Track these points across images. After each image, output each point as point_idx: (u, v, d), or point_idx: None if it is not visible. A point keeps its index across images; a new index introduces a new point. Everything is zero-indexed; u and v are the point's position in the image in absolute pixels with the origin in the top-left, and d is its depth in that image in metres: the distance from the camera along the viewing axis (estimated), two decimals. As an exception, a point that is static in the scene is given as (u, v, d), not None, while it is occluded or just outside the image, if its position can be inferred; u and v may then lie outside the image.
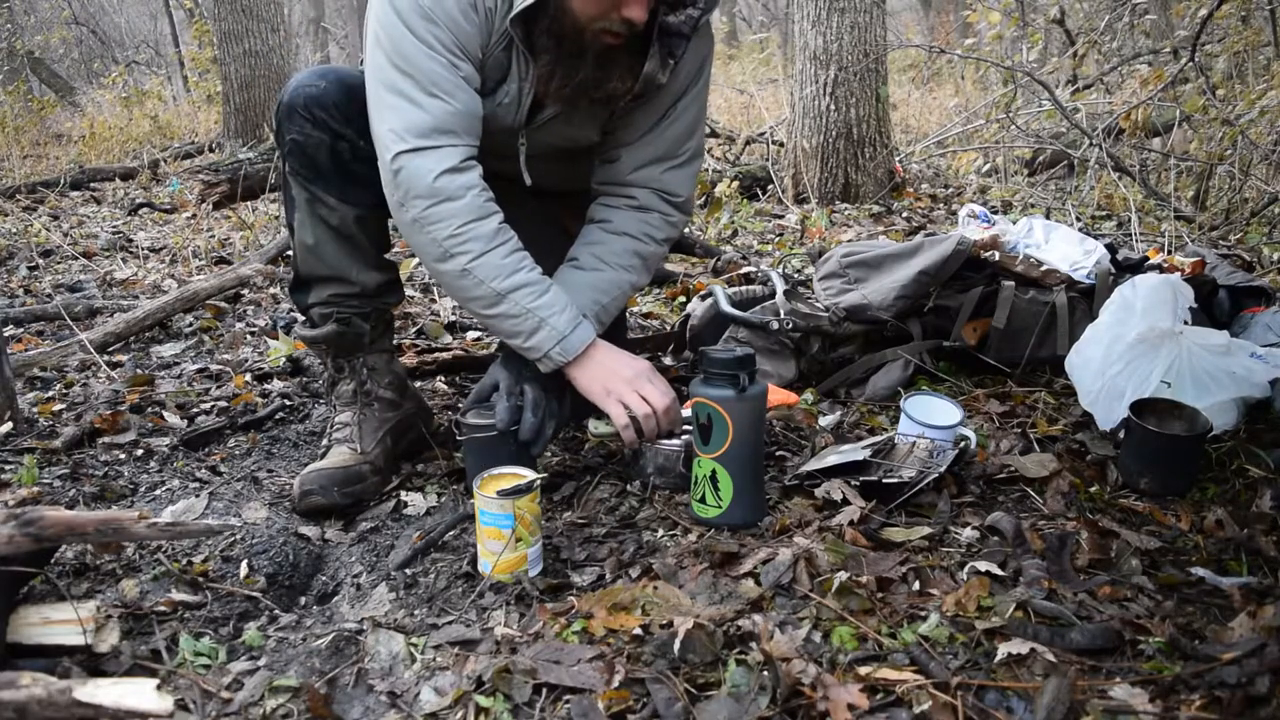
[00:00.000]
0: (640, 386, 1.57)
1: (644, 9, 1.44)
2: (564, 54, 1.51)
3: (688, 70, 1.67)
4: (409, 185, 1.48)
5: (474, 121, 1.53)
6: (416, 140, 1.47)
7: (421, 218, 1.48)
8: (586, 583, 1.38)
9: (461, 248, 1.49)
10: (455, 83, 1.49)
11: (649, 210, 1.73)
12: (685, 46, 1.58)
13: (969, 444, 1.68)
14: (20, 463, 1.77)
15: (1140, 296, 1.89)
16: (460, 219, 1.48)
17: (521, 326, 1.53)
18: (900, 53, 9.25)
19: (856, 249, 2.36)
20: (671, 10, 1.55)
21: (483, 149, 1.74)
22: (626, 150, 1.71)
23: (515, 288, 1.51)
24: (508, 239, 1.53)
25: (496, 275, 1.50)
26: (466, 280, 1.51)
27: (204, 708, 1.11)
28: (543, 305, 1.52)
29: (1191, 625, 1.21)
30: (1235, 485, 1.63)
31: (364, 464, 1.69)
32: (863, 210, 4.54)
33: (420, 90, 1.47)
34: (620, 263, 1.71)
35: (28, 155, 7.76)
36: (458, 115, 1.50)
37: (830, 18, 4.57)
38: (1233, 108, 3.78)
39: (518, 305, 1.51)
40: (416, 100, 1.47)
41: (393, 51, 1.48)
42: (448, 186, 1.47)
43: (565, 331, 1.53)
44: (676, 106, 1.69)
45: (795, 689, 1.06)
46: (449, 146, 1.49)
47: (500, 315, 1.53)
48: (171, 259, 3.98)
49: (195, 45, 10.35)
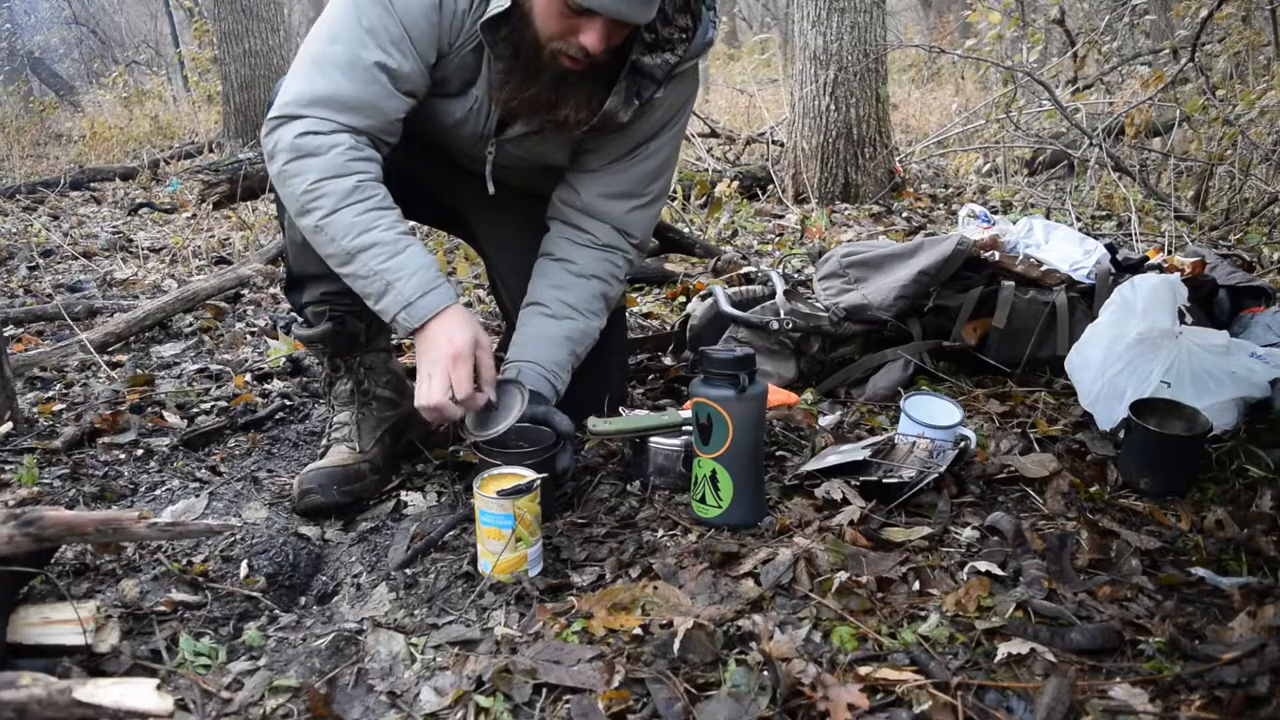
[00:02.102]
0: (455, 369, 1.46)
1: (600, 40, 1.41)
2: (519, 66, 1.51)
3: (665, 111, 1.67)
4: (276, 140, 1.48)
5: (379, 113, 1.50)
6: (299, 109, 1.47)
7: (283, 171, 1.48)
8: (586, 583, 1.38)
9: (315, 203, 1.46)
10: (374, 75, 1.47)
11: (613, 250, 1.73)
12: (654, 90, 1.56)
13: (969, 444, 1.68)
14: (20, 463, 1.77)
15: (1140, 296, 1.89)
16: (316, 174, 1.45)
17: (370, 288, 1.48)
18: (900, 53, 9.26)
19: (856, 249, 2.36)
20: (648, 51, 1.54)
21: (456, 152, 1.75)
22: (592, 176, 1.71)
23: (365, 247, 1.46)
24: (366, 197, 1.47)
25: (347, 233, 1.46)
26: (320, 237, 1.48)
27: (204, 708, 1.11)
28: (390, 268, 1.46)
29: (1191, 625, 1.20)
30: (1235, 485, 1.63)
31: (363, 463, 1.69)
32: (863, 210, 4.54)
33: (335, 67, 1.47)
34: (590, 308, 1.71)
35: (28, 155, 7.76)
36: (361, 102, 1.47)
37: (830, 18, 4.57)
38: (1233, 108, 3.78)
39: (366, 266, 1.47)
40: (326, 74, 1.47)
41: (333, 22, 1.49)
42: (310, 143, 1.46)
43: (411, 298, 1.47)
44: (650, 145, 1.69)
45: (795, 689, 1.06)
46: (330, 119, 1.47)
47: (351, 275, 1.49)
48: (171, 259, 3.98)
49: (195, 45, 10.35)
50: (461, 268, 3.38)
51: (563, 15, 1.40)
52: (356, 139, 1.49)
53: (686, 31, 1.56)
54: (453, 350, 1.46)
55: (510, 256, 1.93)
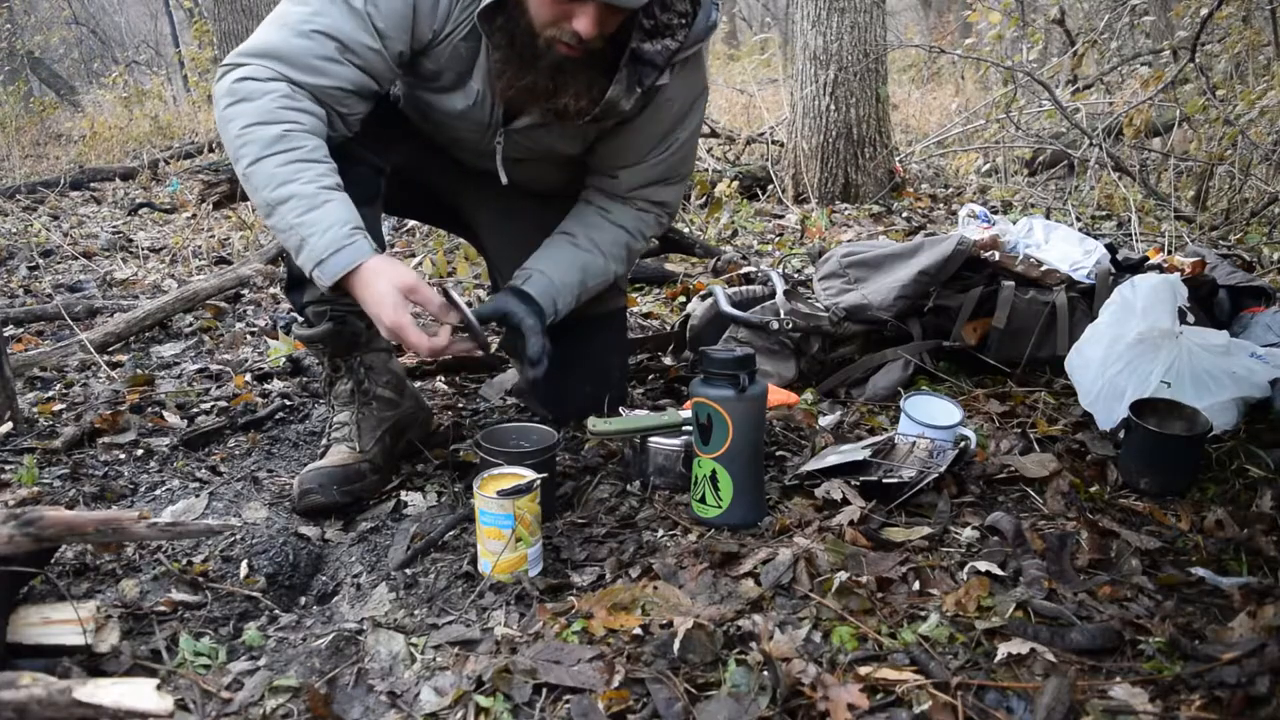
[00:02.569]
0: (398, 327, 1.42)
1: (593, 25, 1.40)
2: (515, 55, 1.50)
3: (682, 105, 1.68)
4: (220, 86, 1.48)
5: (317, 72, 1.47)
6: (245, 58, 1.47)
7: (223, 115, 1.47)
8: (586, 583, 1.38)
9: (244, 150, 1.44)
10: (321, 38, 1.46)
11: (646, 212, 1.81)
12: (656, 77, 1.56)
13: (969, 444, 1.68)
14: (20, 463, 1.77)
15: (1140, 296, 1.89)
16: (247, 119, 1.43)
17: (288, 242, 1.45)
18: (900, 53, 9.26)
19: (856, 249, 2.36)
20: (648, 38, 1.54)
21: (465, 145, 1.75)
22: (625, 172, 1.75)
23: (283, 199, 1.42)
24: (292, 147, 1.44)
25: (268, 184, 1.43)
26: (248, 185, 1.46)
27: (204, 708, 1.11)
28: (305, 223, 1.42)
29: (1191, 625, 1.21)
30: (1235, 485, 1.63)
31: (363, 462, 1.69)
32: (863, 210, 4.54)
33: (288, 25, 1.47)
34: (613, 252, 1.77)
35: (28, 155, 7.76)
36: (301, 57, 1.46)
37: (830, 18, 4.57)
38: (1233, 108, 3.78)
39: (284, 220, 1.43)
40: (279, 31, 1.48)
41: None
42: (245, 88, 1.45)
43: (322, 255, 1.42)
44: (678, 133, 1.72)
45: (795, 689, 1.06)
46: (268, 68, 1.46)
47: (273, 228, 1.46)
48: (171, 259, 3.98)
49: (195, 45, 10.35)
50: (461, 267, 3.38)
51: (555, 1, 1.40)
52: (295, 89, 1.46)
53: (686, 17, 1.55)
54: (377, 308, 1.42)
55: (513, 254, 1.93)
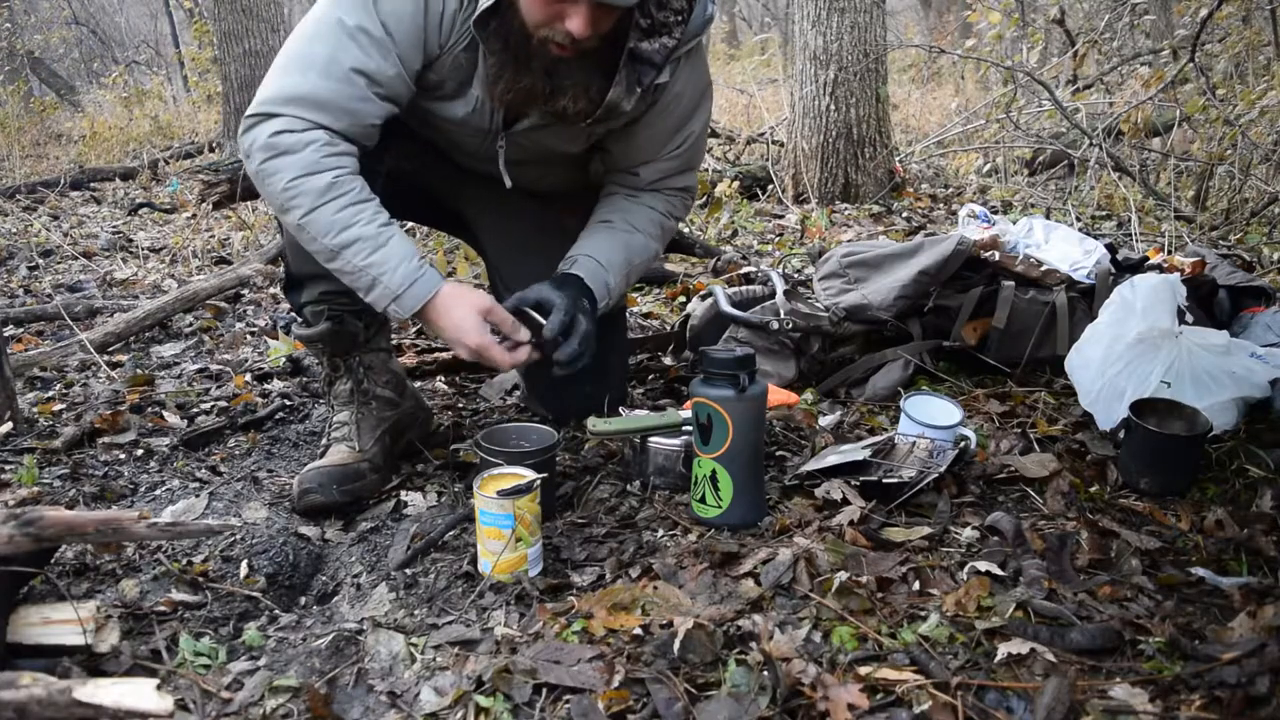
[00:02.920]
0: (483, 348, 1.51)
1: (585, 24, 1.40)
2: (510, 57, 1.50)
3: (690, 100, 1.69)
4: (253, 138, 1.48)
5: (354, 116, 1.50)
6: (275, 106, 1.47)
7: (260, 170, 1.48)
8: (586, 583, 1.37)
9: (294, 202, 1.46)
10: (351, 78, 1.47)
11: (672, 196, 1.84)
12: (655, 76, 1.56)
13: (969, 444, 1.68)
14: (20, 463, 1.77)
15: (1140, 297, 1.89)
16: (293, 172, 1.45)
17: (358, 283, 1.50)
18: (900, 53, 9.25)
19: (856, 249, 2.36)
20: (645, 37, 1.54)
21: (467, 150, 1.76)
22: (645, 168, 1.78)
23: (347, 244, 1.47)
24: (343, 193, 1.47)
25: (329, 231, 1.47)
26: (304, 235, 1.49)
27: (204, 708, 1.11)
28: (375, 263, 1.47)
29: (1191, 625, 1.21)
30: (1235, 485, 1.63)
31: (362, 462, 1.69)
32: (863, 210, 4.54)
33: (313, 68, 1.47)
34: (650, 230, 1.81)
35: (28, 155, 7.76)
36: (336, 103, 1.47)
37: (830, 18, 4.57)
38: (1233, 108, 3.78)
39: (350, 262, 1.48)
40: (305, 74, 1.47)
41: (317, 21, 1.50)
42: (284, 141, 1.46)
43: (398, 290, 1.48)
44: (691, 131, 1.74)
45: (795, 689, 1.06)
46: (305, 119, 1.47)
47: (339, 271, 1.51)
48: (171, 259, 3.98)
49: (195, 45, 10.35)
50: (461, 268, 3.38)
51: (547, 1, 1.40)
52: (331, 136, 1.48)
53: (682, 14, 1.55)
54: (459, 334, 1.50)
55: (513, 254, 1.93)
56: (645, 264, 1.84)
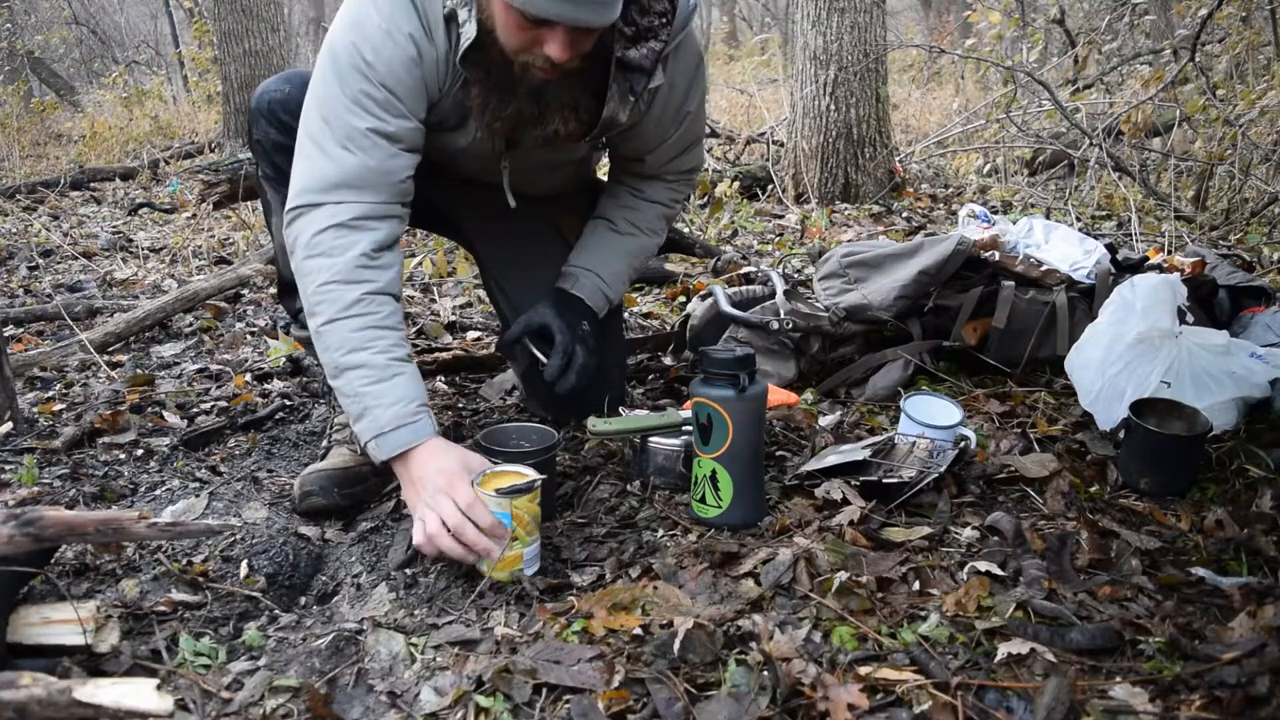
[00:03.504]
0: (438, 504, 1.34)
1: (564, 49, 1.37)
2: (493, 85, 1.49)
3: (680, 84, 1.67)
4: (297, 234, 1.47)
5: (388, 178, 1.48)
6: (315, 196, 1.46)
7: (300, 268, 1.47)
8: (586, 583, 1.37)
9: (319, 307, 1.44)
10: (373, 141, 1.46)
11: (676, 181, 1.88)
12: (647, 81, 1.55)
13: (969, 444, 1.68)
14: (20, 463, 1.77)
15: (1140, 296, 1.89)
16: (325, 276, 1.43)
17: (351, 408, 1.44)
18: (900, 53, 9.25)
19: (856, 249, 2.36)
20: (632, 44, 1.52)
21: (468, 171, 1.77)
22: (651, 155, 1.79)
23: (353, 366, 1.42)
24: (367, 313, 1.43)
25: (340, 347, 1.43)
26: (319, 342, 1.46)
27: (204, 708, 1.11)
28: (371, 393, 1.41)
29: (1191, 625, 1.20)
30: (1235, 485, 1.63)
31: (364, 465, 1.68)
32: (863, 210, 4.54)
33: (334, 142, 1.46)
34: (652, 227, 1.86)
35: (28, 155, 7.76)
36: (369, 171, 1.46)
37: (830, 18, 4.57)
38: (1233, 108, 3.78)
39: (350, 385, 1.42)
40: (328, 152, 1.46)
41: (321, 98, 1.48)
42: (326, 242, 1.44)
43: (384, 428, 1.40)
44: (688, 111, 1.73)
45: (795, 689, 1.06)
46: (349, 203, 1.45)
47: (339, 390, 1.45)
48: (171, 259, 3.98)
49: (195, 45, 10.35)
50: (462, 267, 3.38)
51: (521, 28, 1.38)
52: (375, 227, 1.46)
53: (666, 16, 1.53)
54: (434, 487, 1.35)
55: (505, 255, 1.94)
56: (646, 261, 1.89)
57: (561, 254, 1.85)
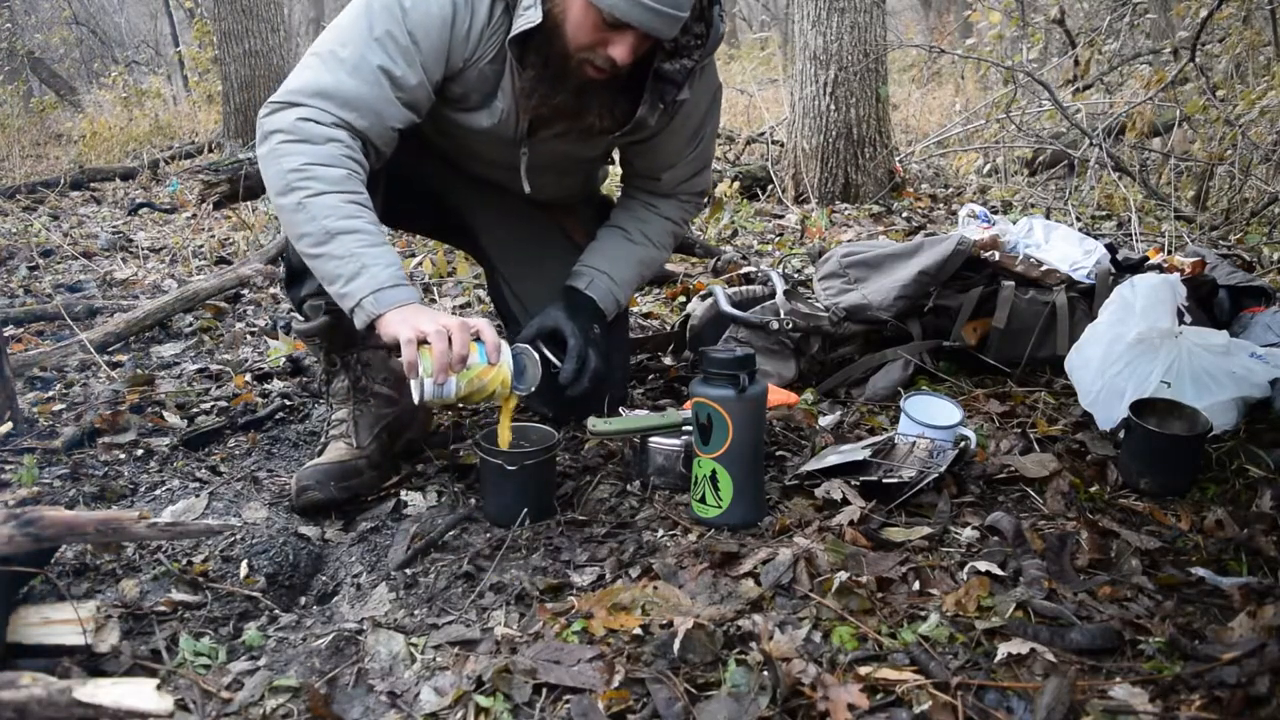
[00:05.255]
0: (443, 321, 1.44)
1: (629, 53, 1.49)
2: (548, 75, 1.57)
3: (704, 104, 1.79)
4: (276, 122, 1.50)
5: (378, 117, 1.53)
6: (302, 97, 1.50)
7: (275, 150, 1.49)
8: (586, 583, 1.37)
9: (303, 183, 1.47)
10: (377, 78, 1.51)
11: (687, 201, 1.97)
12: (676, 93, 1.65)
13: (969, 444, 1.68)
14: (20, 463, 1.77)
15: (1139, 297, 1.89)
16: (308, 158, 1.47)
17: (342, 269, 1.47)
18: (900, 53, 9.25)
19: (856, 249, 2.36)
20: (669, 58, 1.62)
21: (485, 159, 1.80)
22: (667, 174, 1.87)
23: (347, 230, 1.47)
24: (354, 191, 1.49)
25: (331, 214, 1.46)
26: (299, 215, 1.47)
27: (204, 708, 1.11)
28: (369, 254, 1.47)
29: (1191, 625, 1.21)
30: (1235, 485, 1.63)
31: (360, 459, 1.69)
32: (863, 210, 4.54)
33: (340, 67, 1.51)
34: (663, 241, 1.93)
35: (28, 155, 7.76)
36: (363, 100, 1.51)
37: (830, 18, 4.57)
38: (1233, 108, 3.78)
39: (344, 247, 1.47)
40: (332, 71, 1.51)
41: (344, 28, 1.54)
42: (308, 129, 1.48)
43: (383, 284, 1.47)
44: (704, 133, 1.85)
45: (795, 689, 1.06)
46: (333, 113, 1.49)
47: (325, 255, 1.48)
48: (171, 259, 3.98)
49: (195, 45, 10.35)
50: (462, 267, 3.38)
51: (596, 27, 1.48)
52: (352, 139, 1.51)
53: (701, 38, 1.63)
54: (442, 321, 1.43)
55: (518, 261, 1.96)
56: (653, 273, 1.96)
57: (570, 255, 1.90)
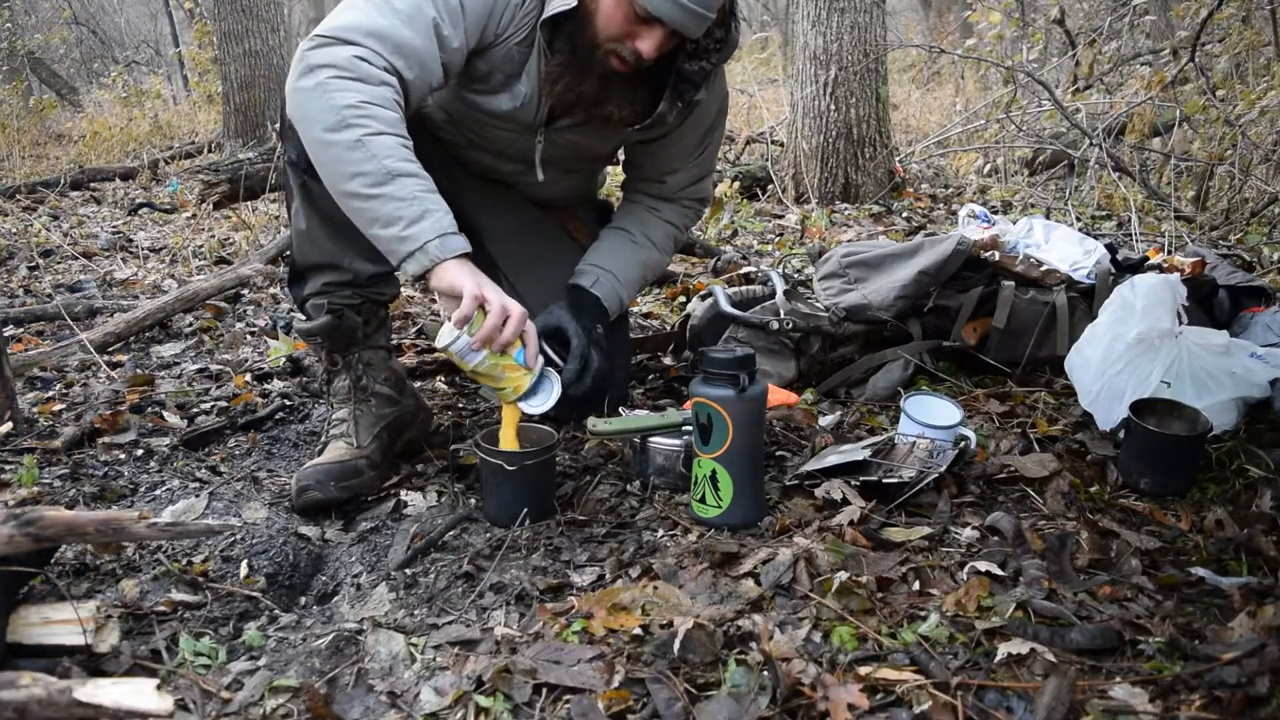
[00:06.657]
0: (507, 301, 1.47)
1: (656, 47, 1.52)
2: (574, 62, 1.59)
3: (713, 108, 1.84)
4: (323, 57, 1.43)
5: (423, 70, 1.51)
6: (354, 35, 1.45)
7: (326, 84, 1.42)
8: (586, 583, 1.38)
9: (361, 120, 1.41)
10: (429, 31, 1.50)
11: (689, 207, 1.99)
12: (694, 94, 1.69)
13: (969, 444, 1.68)
14: (20, 463, 1.77)
15: (1140, 297, 1.89)
16: (367, 96, 1.42)
17: (404, 211, 1.42)
18: (900, 53, 9.25)
19: (856, 249, 2.36)
20: (690, 59, 1.66)
21: (496, 149, 1.80)
22: (673, 177, 1.91)
23: (408, 173, 1.43)
24: (408, 138, 1.46)
25: (391, 155, 1.42)
26: (358, 153, 1.41)
27: (204, 708, 1.11)
28: (431, 199, 1.44)
29: (1191, 625, 1.21)
30: (1235, 485, 1.63)
31: (360, 459, 1.69)
32: (863, 210, 4.54)
33: (394, 10, 1.48)
34: (665, 245, 1.95)
35: (28, 155, 7.76)
36: (414, 50, 1.48)
37: (830, 18, 4.57)
38: (1233, 108, 3.78)
39: (407, 189, 1.42)
40: (386, 15, 1.48)
41: None
42: (363, 69, 1.43)
43: (447, 229, 1.44)
44: (713, 134, 1.89)
45: (795, 689, 1.06)
46: (385, 55, 1.46)
47: (385, 196, 1.42)
48: (171, 259, 3.98)
49: (195, 45, 10.34)
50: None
51: (628, 19, 1.50)
52: (399, 88, 1.48)
53: (721, 42, 1.67)
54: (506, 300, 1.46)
55: (521, 258, 1.96)
56: (654, 275, 1.99)
57: (573, 254, 1.90)
